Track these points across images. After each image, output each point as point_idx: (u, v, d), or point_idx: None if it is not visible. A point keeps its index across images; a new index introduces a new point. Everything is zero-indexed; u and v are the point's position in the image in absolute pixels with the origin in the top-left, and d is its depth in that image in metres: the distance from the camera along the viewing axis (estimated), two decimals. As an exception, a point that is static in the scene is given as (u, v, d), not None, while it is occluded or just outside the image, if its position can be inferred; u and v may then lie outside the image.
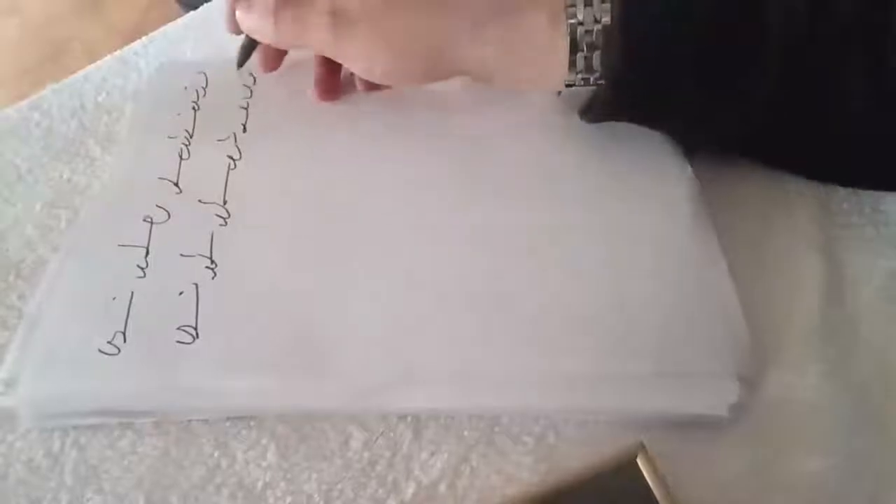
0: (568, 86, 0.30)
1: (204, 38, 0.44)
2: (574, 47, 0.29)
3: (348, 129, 0.36)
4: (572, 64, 0.29)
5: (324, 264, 0.30)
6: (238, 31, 0.35)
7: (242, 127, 0.36)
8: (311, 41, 0.32)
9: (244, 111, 0.37)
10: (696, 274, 0.29)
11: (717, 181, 0.32)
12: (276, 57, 0.37)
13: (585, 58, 0.29)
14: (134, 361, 0.27)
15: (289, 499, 0.25)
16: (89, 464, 0.27)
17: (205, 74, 0.39)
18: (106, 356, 0.27)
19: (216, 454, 0.26)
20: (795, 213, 0.31)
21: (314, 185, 0.33)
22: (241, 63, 0.36)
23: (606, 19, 0.28)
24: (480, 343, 0.27)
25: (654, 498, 0.22)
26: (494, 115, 0.35)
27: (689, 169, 0.32)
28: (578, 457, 0.24)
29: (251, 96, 0.38)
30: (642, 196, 0.32)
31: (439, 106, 0.36)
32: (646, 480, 0.23)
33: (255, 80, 0.39)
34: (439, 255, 0.30)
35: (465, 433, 0.26)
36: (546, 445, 0.26)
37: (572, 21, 0.28)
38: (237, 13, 0.34)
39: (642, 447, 0.23)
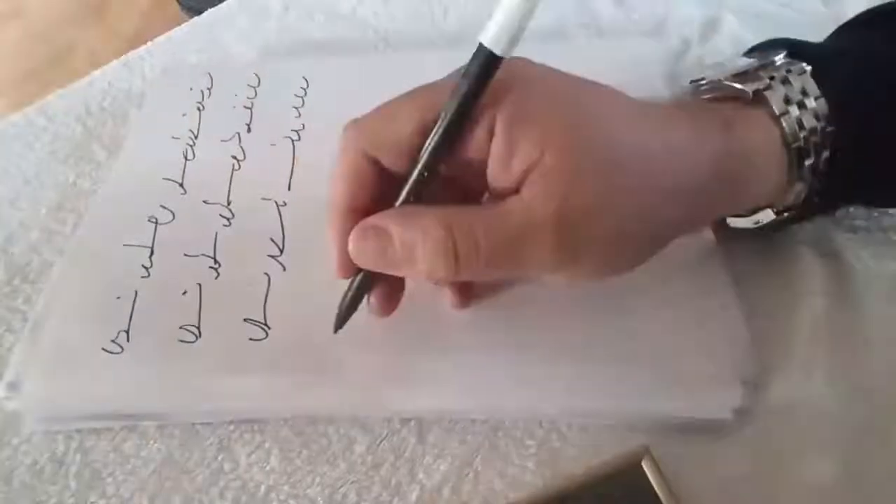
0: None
1: (207, 43, 0.44)
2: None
3: None
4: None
5: (326, 266, 0.30)
6: (350, 274, 0.25)
7: (247, 127, 0.36)
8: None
9: (248, 111, 0.37)
10: (697, 279, 0.29)
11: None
12: (397, 296, 0.27)
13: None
14: (136, 359, 0.28)
15: (292, 502, 0.25)
16: (93, 467, 0.27)
17: (209, 75, 0.39)
18: (109, 354, 0.28)
19: (220, 458, 0.26)
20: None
21: (316, 185, 0.33)
22: (340, 325, 0.26)
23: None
24: (484, 346, 0.27)
25: (659, 502, 0.22)
26: None
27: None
28: (582, 461, 0.24)
29: (255, 97, 0.38)
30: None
31: None
32: (650, 484, 0.22)
33: (259, 81, 0.39)
34: None
35: (469, 437, 0.26)
36: (550, 449, 0.26)
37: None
38: (354, 246, 0.24)
39: (647, 451, 0.23)
